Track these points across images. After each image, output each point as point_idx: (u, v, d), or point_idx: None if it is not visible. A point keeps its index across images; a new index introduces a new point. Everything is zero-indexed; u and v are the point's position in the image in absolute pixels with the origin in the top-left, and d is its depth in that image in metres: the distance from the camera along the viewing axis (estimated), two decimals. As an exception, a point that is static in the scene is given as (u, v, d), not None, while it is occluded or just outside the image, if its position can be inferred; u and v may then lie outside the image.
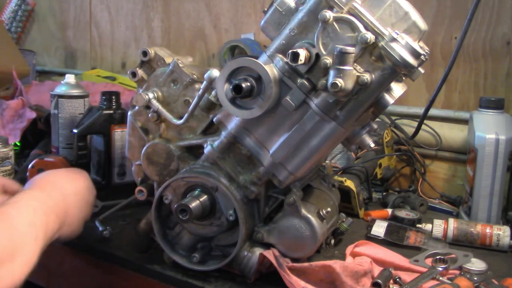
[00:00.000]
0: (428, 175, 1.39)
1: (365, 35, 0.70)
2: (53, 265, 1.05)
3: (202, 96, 0.89)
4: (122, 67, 2.06)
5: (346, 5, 0.72)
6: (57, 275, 1.07)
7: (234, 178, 0.86)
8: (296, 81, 0.77)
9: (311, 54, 0.75)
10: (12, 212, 0.75)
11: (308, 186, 0.95)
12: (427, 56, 0.75)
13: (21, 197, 0.82)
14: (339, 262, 0.84)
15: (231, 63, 0.77)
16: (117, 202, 1.11)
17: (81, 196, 0.94)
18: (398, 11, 0.72)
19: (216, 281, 0.88)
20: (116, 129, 1.22)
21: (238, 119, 0.83)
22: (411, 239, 1.04)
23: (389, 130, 1.36)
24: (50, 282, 1.08)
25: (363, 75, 0.71)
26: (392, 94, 0.78)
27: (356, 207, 1.18)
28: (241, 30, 1.75)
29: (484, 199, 1.14)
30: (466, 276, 0.88)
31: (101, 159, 1.24)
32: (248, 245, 0.88)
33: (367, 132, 0.84)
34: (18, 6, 2.26)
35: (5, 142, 1.27)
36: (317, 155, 0.82)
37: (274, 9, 0.81)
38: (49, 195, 0.85)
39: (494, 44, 1.33)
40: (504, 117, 1.17)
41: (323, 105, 0.76)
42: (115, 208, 1.10)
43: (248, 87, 0.76)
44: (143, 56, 0.95)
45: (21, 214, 0.76)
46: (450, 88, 1.38)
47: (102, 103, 1.24)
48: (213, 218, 0.89)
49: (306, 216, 0.86)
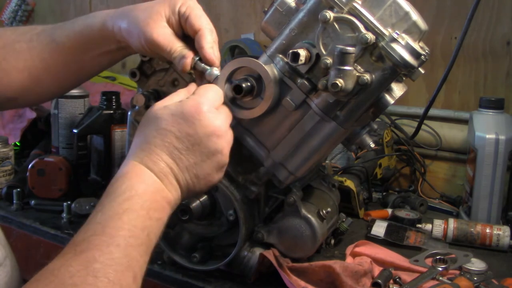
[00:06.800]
0: (428, 175, 1.39)
1: (366, 35, 0.70)
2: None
3: (202, 96, 0.89)
4: (122, 67, 2.06)
5: (347, 5, 0.72)
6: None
7: (234, 178, 0.86)
8: (296, 81, 0.77)
9: (311, 54, 0.75)
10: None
11: (308, 186, 0.95)
12: (427, 56, 0.75)
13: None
14: (339, 262, 0.84)
15: (231, 63, 0.77)
16: (117, 202, 1.11)
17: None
18: (398, 11, 0.72)
19: (216, 281, 0.88)
20: (116, 129, 1.22)
21: (238, 119, 0.83)
22: (411, 239, 1.04)
23: (389, 130, 1.36)
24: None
25: (363, 75, 0.71)
26: (392, 94, 0.78)
27: (356, 207, 1.18)
28: (241, 30, 1.75)
29: (484, 199, 1.14)
30: (466, 276, 0.88)
31: (101, 159, 1.24)
32: (248, 245, 0.88)
33: (367, 132, 0.83)
34: (18, 6, 2.26)
35: (5, 142, 1.27)
36: (317, 155, 0.82)
37: (274, 9, 0.81)
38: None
39: (494, 44, 1.33)
40: (504, 117, 1.17)
41: (323, 105, 0.76)
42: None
43: (248, 87, 0.76)
44: (143, 56, 0.95)
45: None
46: (450, 88, 1.38)
47: (102, 103, 1.24)
48: (213, 218, 0.89)
49: (306, 216, 0.86)
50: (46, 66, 0.82)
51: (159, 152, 0.67)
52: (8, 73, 0.82)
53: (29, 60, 0.82)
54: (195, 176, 0.69)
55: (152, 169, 0.66)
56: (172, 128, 0.68)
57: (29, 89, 0.84)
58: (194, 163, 0.69)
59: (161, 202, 0.66)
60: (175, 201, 0.68)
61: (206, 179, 0.71)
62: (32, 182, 1.17)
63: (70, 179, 1.18)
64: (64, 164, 1.18)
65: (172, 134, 0.68)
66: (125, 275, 0.57)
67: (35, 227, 1.11)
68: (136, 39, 0.76)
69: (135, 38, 0.76)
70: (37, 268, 0.74)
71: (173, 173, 0.68)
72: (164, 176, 0.67)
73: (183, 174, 0.68)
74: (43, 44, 0.82)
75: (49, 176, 1.16)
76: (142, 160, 0.66)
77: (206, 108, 0.69)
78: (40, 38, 0.83)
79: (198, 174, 0.69)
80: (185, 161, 0.68)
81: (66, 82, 0.87)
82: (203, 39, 0.76)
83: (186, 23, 0.77)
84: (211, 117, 0.69)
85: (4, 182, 1.25)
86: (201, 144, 0.68)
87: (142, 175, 0.65)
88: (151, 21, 0.76)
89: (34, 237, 1.11)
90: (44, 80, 0.84)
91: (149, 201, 0.63)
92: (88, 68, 0.85)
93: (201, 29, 0.76)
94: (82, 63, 0.83)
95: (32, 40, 0.82)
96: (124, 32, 0.77)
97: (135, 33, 0.76)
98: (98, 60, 0.83)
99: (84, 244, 0.57)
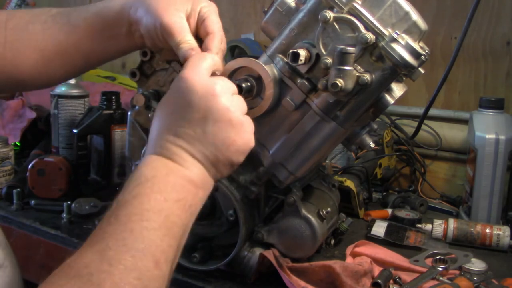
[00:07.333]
0: (428, 175, 1.39)
1: (366, 35, 0.70)
2: (53, 265, 1.05)
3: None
4: (122, 67, 2.06)
5: (347, 5, 0.72)
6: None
7: (234, 178, 0.86)
8: (296, 81, 0.77)
9: (311, 54, 0.75)
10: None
11: (308, 186, 0.95)
12: (427, 57, 0.75)
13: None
14: (339, 262, 0.84)
15: (231, 63, 0.77)
16: (117, 202, 1.11)
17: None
18: (398, 11, 0.71)
19: (216, 281, 0.88)
20: (116, 129, 1.22)
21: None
22: (411, 239, 1.04)
23: (389, 130, 1.36)
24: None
25: (363, 75, 0.71)
26: (393, 94, 0.78)
27: (356, 207, 1.18)
28: (241, 30, 1.75)
29: (484, 199, 1.14)
30: (466, 276, 0.88)
31: (101, 159, 1.24)
32: (248, 245, 0.88)
33: (367, 132, 0.84)
34: (18, 6, 2.26)
35: (5, 142, 1.27)
36: (317, 155, 0.82)
37: (274, 9, 0.81)
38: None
39: (494, 44, 1.33)
40: (504, 117, 1.17)
41: (323, 105, 0.76)
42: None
43: (248, 87, 0.76)
44: (143, 56, 0.95)
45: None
46: (450, 88, 1.38)
47: (102, 103, 1.24)
48: (213, 218, 0.89)
49: (306, 216, 0.86)
50: (58, 48, 0.82)
51: (164, 136, 0.66)
52: (20, 54, 0.81)
53: (42, 42, 0.81)
54: (212, 144, 0.66)
55: (160, 153, 0.65)
56: (167, 108, 0.67)
57: (39, 71, 0.83)
58: (202, 132, 0.65)
59: (179, 182, 0.63)
60: (199, 177, 0.65)
61: (225, 144, 0.66)
62: (32, 182, 1.17)
63: (70, 179, 1.18)
64: (64, 164, 1.18)
65: (167, 113, 0.67)
66: (143, 261, 0.56)
67: (35, 227, 1.11)
68: (151, 23, 0.76)
69: (151, 21, 0.76)
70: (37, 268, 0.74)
71: (184, 149, 0.65)
72: (175, 155, 0.64)
73: (196, 147, 0.65)
74: (57, 26, 0.82)
75: (49, 176, 1.16)
76: (151, 151, 0.66)
77: (193, 72, 0.67)
78: (55, 20, 0.82)
79: (215, 142, 0.66)
80: (192, 133, 0.65)
81: (75, 67, 0.86)
82: (212, 42, 0.76)
83: (202, 23, 0.77)
84: (201, 79, 0.66)
85: (4, 182, 1.25)
86: (199, 108, 0.65)
87: (151, 162, 0.64)
88: (171, 8, 0.76)
89: (34, 237, 1.10)
90: (55, 63, 0.83)
91: (161, 183, 0.62)
92: (96, 53, 0.84)
93: (213, 33, 0.76)
94: (92, 47, 0.83)
95: (46, 22, 0.82)
96: (140, 14, 0.77)
97: (152, 16, 0.75)
98: (106, 45, 0.82)
99: (98, 235, 0.57)
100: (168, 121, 0.67)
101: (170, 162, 0.64)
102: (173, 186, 0.62)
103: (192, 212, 0.64)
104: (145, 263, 0.56)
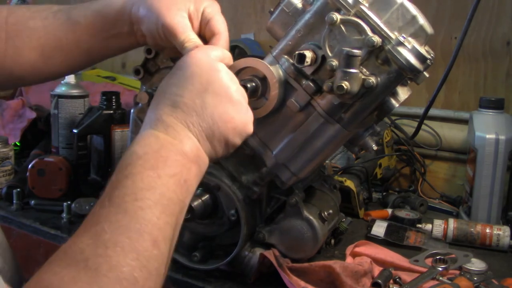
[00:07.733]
0: (428, 175, 1.40)
1: (372, 38, 0.70)
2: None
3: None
4: (122, 67, 2.06)
5: (353, 8, 0.72)
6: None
7: (237, 178, 0.86)
8: (301, 82, 0.77)
9: (317, 56, 0.74)
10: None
11: (310, 187, 0.95)
12: (432, 61, 0.75)
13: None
14: (339, 262, 0.84)
15: (236, 63, 0.77)
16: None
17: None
18: (405, 14, 0.71)
19: (216, 281, 0.88)
20: (116, 129, 1.22)
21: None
22: (411, 239, 1.05)
23: (389, 130, 1.36)
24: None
25: (369, 78, 0.71)
26: (397, 98, 0.78)
27: (356, 207, 1.18)
28: (241, 30, 1.74)
29: (484, 199, 1.14)
30: (466, 276, 0.88)
31: (101, 159, 1.24)
32: (249, 245, 0.88)
33: (370, 135, 0.84)
34: (21, 2, 2.25)
35: (5, 142, 1.26)
36: (321, 157, 0.82)
37: (280, 10, 0.81)
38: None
39: (494, 44, 1.33)
40: (504, 117, 1.17)
41: (328, 107, 0.76)
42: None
43: (253, 87, 0.76)
44: (148, 54, 0.95)
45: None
46: (450, 88, 1.39)
47: (102, 103, 1.24)
48: (215, 217, 0.89)
49: (308, 217, 0.86)
50: (59, 44, 0.82)
51: (161, 107, 0.64)
52: (20, 50, 0.81)
53: (43, 38, 0.81)
54: (210, 117, 0.64)
55: (155, 127, 0.63)
56: (168, 82, 0.66)
57: (39, 67, 0.83)
58: (201, 103, 0.64)
59: (172, 156, 0.61)
60: (193, 151, 0.63)
61: (223, 119, 0.65)
62: (32, 182, 1.16)
63: (70, 179, 1.18)
64: (64, 164, 1.17)
65: (167, 85, 0.66)
66: (140, 241, 0.54)
67: (35, 227, 1.10)
68: (153, 23, 0.76)
69: (153, 21, 0.76)
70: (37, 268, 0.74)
71: (180, 121, 0.63)
72: (169, 127, 0.62)
73: (193, 118, 0.63)
74: (58, 22, 0.81)
75: (49, 176, 1.16)
76: (146, 126, 0.64)
77: (200, 52, 0.68)
78: (56, 16, 0.82)
79: (213, 115, 0.64)
80: (191, 103, 0.63)
81: (75, 63, 0.86)
82: (219, 42, 0.76)
83: (207, 24, 0.77)
84: (207, 58, 0.67)
85: (4, 182, 1.25)
86: (201, 79, 0.65)
87: (142, 139, 0.62)
88: (174, 8, 0.75)
89: (34, 237, 1.10)
90: (55, 59, 0.83)
91: (153, 159, 0.59)
92: (97, 50, 0.84)
93: (219, 34, 0.77)
94: (92, 44, 0.82)
95: (47, 18, 0.82)
96: (142, 14, 0.77)
97: (154, 16, 0.75)
98: (107, 42, 0.82)
99: (93, 219, 0.55)
100: (168, 93, 0.65)
101: (162, 135, 0.62)
102: (166, 161, 0.60)
103: (188, 187, 0.62)
104: (142, 243, 0.54)
